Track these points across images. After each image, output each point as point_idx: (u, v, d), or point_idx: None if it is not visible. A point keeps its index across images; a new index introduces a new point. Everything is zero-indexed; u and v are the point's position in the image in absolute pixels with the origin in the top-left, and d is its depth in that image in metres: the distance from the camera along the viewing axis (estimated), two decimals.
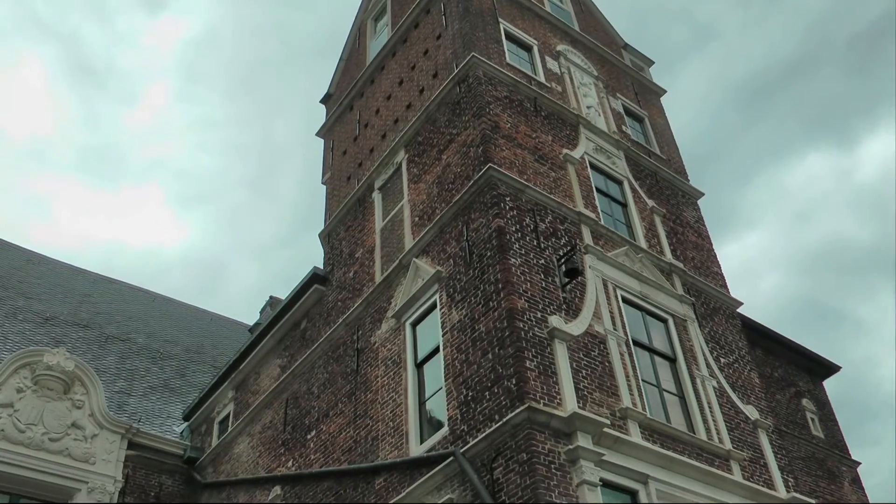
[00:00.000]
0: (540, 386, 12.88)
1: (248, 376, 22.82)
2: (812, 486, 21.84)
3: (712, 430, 15.62)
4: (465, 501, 12.81)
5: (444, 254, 16.16)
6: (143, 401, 24.97)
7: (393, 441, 15.36)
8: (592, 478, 12.26)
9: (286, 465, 19.03)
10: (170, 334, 30.33)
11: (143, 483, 22.33)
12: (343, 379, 17.96)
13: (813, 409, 24.84)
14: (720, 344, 18.10)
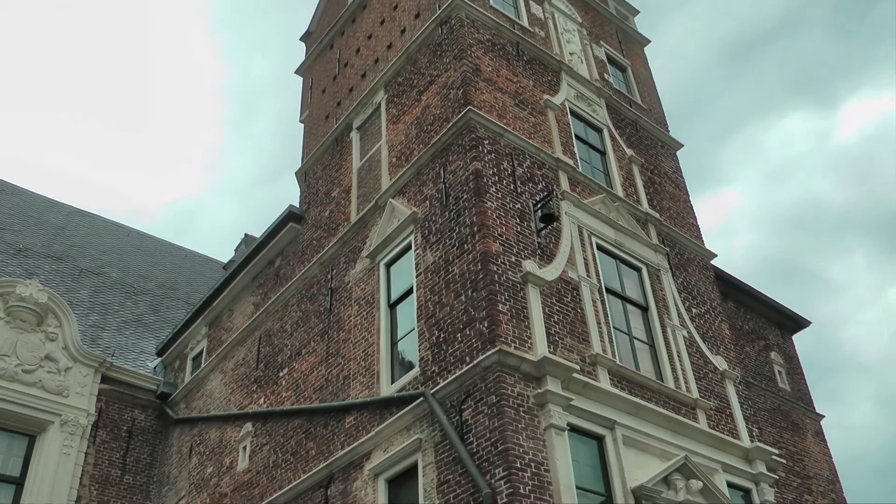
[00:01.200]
0: (511, 329, 12.95)
1: (221, 313, 22.82)
2: (776, 437, 22.19)
3: (680, 378, 15.80)
4: (434, 441, 12.94)
5: (420, 195, 16.12)
6: (116, 335, 24.94)
7: (364, 380, 15.44)
8: (560, 422, 12.40)
9: (258, 402, 19.12)
10: (144, 269, 30.19)
11: (115, 417, 22.41)
12: (316, 318, 17.99)
13: (781, 362, 25.15)
14: (692, 294, 18.23)
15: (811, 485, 23.06)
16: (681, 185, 21.07)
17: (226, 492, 18.92)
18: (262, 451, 18.06)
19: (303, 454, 16.46)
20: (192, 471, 20.89)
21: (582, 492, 12.30)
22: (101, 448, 21.75)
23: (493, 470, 11.70)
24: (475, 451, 12.10)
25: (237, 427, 19.50)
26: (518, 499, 11.29)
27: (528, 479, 11.60)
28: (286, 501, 16.32)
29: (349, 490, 14.56)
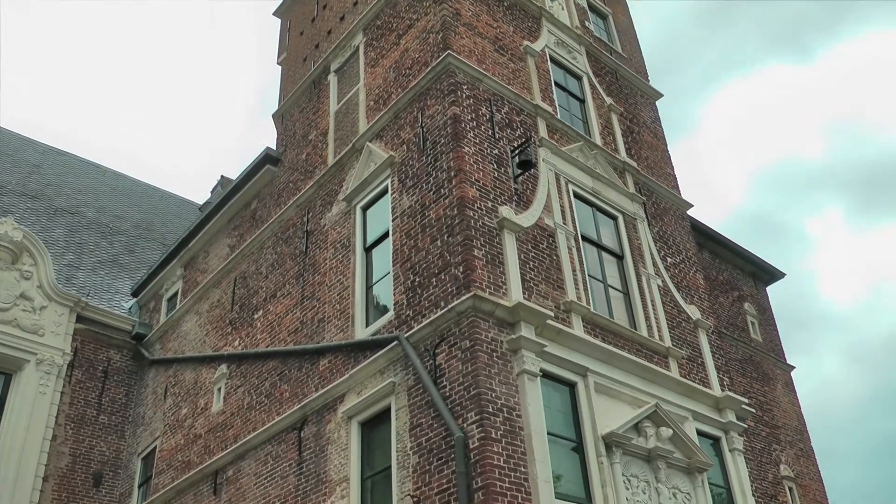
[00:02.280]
0: (487, 275, 12.97)
1: (197, 254, 22.73)
2: (746, 387, 22.49)
3: (654, 327, 15.92)
4: (407, 385, 13.00)
5: (397, 139, 16.02)
6: (91, 275, 24.83)
7: (339, 324, 15.47)
8: (533, 368, 12.48)
9: (233, 344, 19.13)
10: (119, 210, 29.97)
11: (91, 357, 22.41)
12: (292, 260, 17.95)
13: (754, 313, 25.41)
14: (668, 244, 18.30)
15: (779, 434, 23.43)
16: (659, 135, 21.04)
17: (200, 433, 19.00)
18: (236, 392, 18.12)
19: (277, 396, 16.53)
20: (166, 411, 20.95)
21: (553, 437, 12.44)
22: (76, 387, 21.78)
23: (466, 414, 11.78)
24: (448, 395, 12.18)
25: (212, 368, 19.54)
26: (489, 443, 11.39)
27: (500, 423, 11.70)
28: (260, 443, 16.42)
29: (322, 432, 14.65)
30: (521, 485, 11.47)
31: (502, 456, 11.46)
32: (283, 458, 15.61)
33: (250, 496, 16.23)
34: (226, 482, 17.22)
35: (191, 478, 18.38)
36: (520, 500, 11.33)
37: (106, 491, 21.43)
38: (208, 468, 17.84)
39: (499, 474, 11.28)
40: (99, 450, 21.74)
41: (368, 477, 13.56)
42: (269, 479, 15.84)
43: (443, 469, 11.82)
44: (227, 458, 17.30)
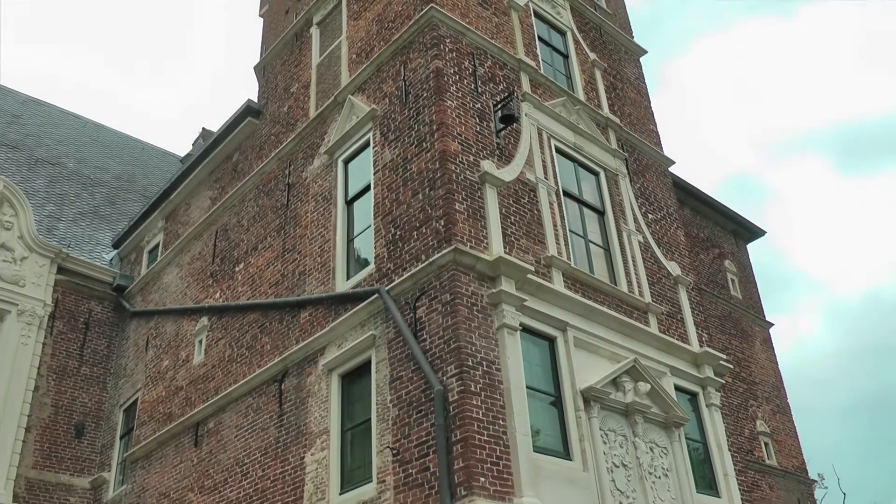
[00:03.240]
0: (468, 229, 12.98)
1: (178, 207, 22.62)
2: (725, 344, 22.69)
3: (634, 282, 16.00)
4: (388, 338, 13.05)
5: (380, 92, 15.92)
6: (72, 226, 24.70)
7: (320, 276, 15.47)
8: (513, 322, 12.54)
9: (214, 297, 19.12)
10: (100, 161, 29.72)
11: (72, 308, 22.37)
12: (273, 213, 17.90)
13: (734, 270, 25.56)
14: (649, 200, 18.33)
15: (756, 390, 23.69)
16: (642, 92, 20.98)
17: (181, 385, 19.05)
18: (217, 345, 18.15)
19: (258, 349, 16.57)
20: (148, 363, 20.98)
21: (532, 391, 12.54)
22: (58, 339, 21.77)
23: (445, 367, 11.85)
24: (428, 349, 12.24)
25: (193, 321, 19.54)
26: (469, 396, 11.48)
27: (480, 377, 11.78)
28: (241, 395, 16.48)
29: (303, 385, 14.72)
30: (499, 438, 11.57)
31: (481, 409, 11.55)
32: (263, 411, 15.69)
33: (231, 448, 16.32)
34: (207, 434, 17.31)
35: (172, 429, 18.46)
36: (498, 453, 11.44)
37: (88, 442, 21.51)
38: (189, 420, 17.92)
39: (478, 427, 11.37)
40: (81, 401, 21.78)
41: (348, 429, 13.66)
42: (249, 431, 15.93)
43: (422, 422, 11.91)
44: (208, 410, 17.37)
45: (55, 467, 20.60)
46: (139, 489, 19.11)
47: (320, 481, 13.56)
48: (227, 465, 16.30)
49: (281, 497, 14.40)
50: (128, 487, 19.63)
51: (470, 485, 10.89)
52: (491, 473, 11.20)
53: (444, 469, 11.16)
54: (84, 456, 21.31)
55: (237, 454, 16.06)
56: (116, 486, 20.46)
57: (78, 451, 21.24)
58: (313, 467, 13.83)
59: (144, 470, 19.18)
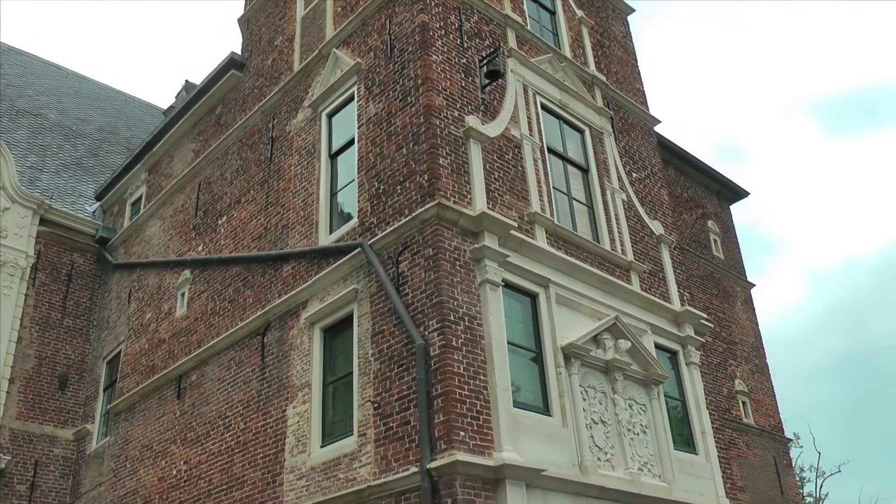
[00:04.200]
0: (451, 184, 12.96)
1: (161, 159, 22.48)
2: (706, 303, 22.83)
3: (616, 241, 16.04)
4: (370, 292, 13.08)
5: (364, 46, 15.79)
6: (55, 178, 24.54)
7: (302, 230, 15.45)
8: (495, 278, 12.58)
9: (196, 250, 19.08)
10: (83, 112, 29.45)
11: (55, 260, 22.31)
12: (256, 166, 17.82)
13: (717, 231, 25.66)
14: (634, 159, 18.33)
15: (736, 350, 23.90)
16: (629, 50, 20.89)
17: (164, 337, 19.07)
18: (200, 298, 18.15)
19: (240, 302, 16.58)
20: (130, 316, 20.98)
21: (513, 347, 12.62)
22: (40, 290, 21.72)
23: (427, 322, 11.90)
24: (410, 303, 12.28)
25: (176, 274, 19.51)
26: (450, 351, 11.54)
27: (461, 332, 11.83)
28: (223, 348, 16.52)
29: (285, 338, 14.76)
30: (480, 392, 11.65)
31: (462, 364, 11.62)
32: (245, 364, 15.74)
33: (213, 401, 16.39)
34: (189, 387, 17.36)
35: (155, 382, 18.51)
36: (478, 408, 11.53)
37: (71, 394, 21.56)
38: (172, 373, 17.96)
39: (458, 382, 11.45)
40: (64, 353, 21.80)
41: (330, 382, 13.72)
42: (231, 384, 15.99)
43: (403, 376, 11.98)
44: (191, 362, 17.41)
45: (39, 418, 20.66)
46: (122, 441, 19.20)
47: (302, 434, 13.65)
48: (209, 418, 16.38)
49: (262, 449, 14.49)
50: (111, 439, 19.71)
51: (450, 439, 10.98)
52: (471, 428, 11.29)
53: (424, 423, 11.25)
54: (68, 408, 21.37)
55: (219, 407, 16.13)
56: (100, 438, 20.55)
57: (62, 403, 21.30)
58: (295, 420, 13.91)
59: (128, 422, 19.26)
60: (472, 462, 10.88)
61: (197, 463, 16.30)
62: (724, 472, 15.80)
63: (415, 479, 11.10)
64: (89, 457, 20.48)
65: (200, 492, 15.88)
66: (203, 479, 15.94)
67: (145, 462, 18.04)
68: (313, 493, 12.90)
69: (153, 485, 17.48)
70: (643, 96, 20.22)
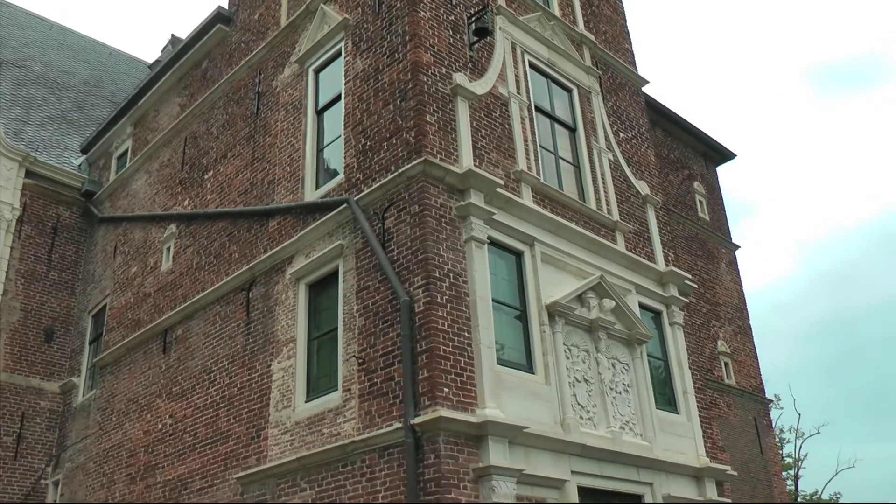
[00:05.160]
0: (438, 141, 12.93)
1: (147, 113, 22.32)
2: (691, 264, 22.95)
3: (602, 200, 16.08)
4: (356, 248, 13.09)
5: (352, 1, 15.62)
6: (40, 130, 24.37)
7: (289, 185, 15.42)
8: (481, 235, 12.60)
9: (182, 204, 19.03)
10: (67, 65, 29.15)
11: (40, 213, 22.26)
12: (242, 121, 17.73)
13: (703, 192, 25.73)
14: (621, 119, 18.32)
15: (719, 311, 24.07)
16: (619, 10, 20.77)
17: (149, 292, 19.08)
18: (185, 252, 18.13)
19: (226, 257, 16.58)
20: (116, 270, 20.96)
21: (498, 305, 12.67)
22: (26, 243, 21.68)
23: (412, 278, 11.94)
24: (395, 259, 12.30)
25: (161, 228, 19.48)
26: (435, 307, 11.59)
27: (446, 288, 11.88)
28: (209, 303, 16.55)
29: (270, 293, 14.79)
30: (464, 349, 11.73)
31: (447, 320, 11.68)
32: (231, 318, 15.78)
33: (199, 355, 16.44)
34: (175, 341, 17.41)
35: (140, 336, 18.55)
36: (462, 365, 11.61)
37: (58, 346, 21.61)
38: (158, 327, 18.00)
39: (443, 338, 11.51)
40: (50, 306, 21.82)
41: (315, 338, 13.79)
42: (217, 338, 16.04)
43: (388, 332, 12.03)
44: (176, 317, 17.44)
45: (25, 371, 20.72)
46: (108, 394, 19.27)
47: (286, 389, 13.73)
48: (194, 372, 16.44)
49: (247, 404, 14.58)
50: (97, 392, 19.78)
51: (434, 395, 11.06)
52: (455, 384, 11.37)
53: (408, 379, 11.32)
54: (54, 360, 21.44)
55: (205, 361, 16.19)
56: (86, 391, 20.63)
57: (48, 356, 21.36)
58: (280, 375, 13.98)
59: (113, 375, 19.31)
60: (456, 418, 10.97)
61: (182, 417, 16.39)
62: (705, 431, 15.98)
63: (398, 435, 11.20)
64: (75, 410, 20.57)
65: (185, 445, 15.98)
66: (188, 432, 16.04)
67: (131, 415, 18.13)
68: (297, 448, 13.00)
69: (138, 438, 17.58)
70: (632, 56, 20.15)
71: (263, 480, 13.45)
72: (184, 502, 15.44)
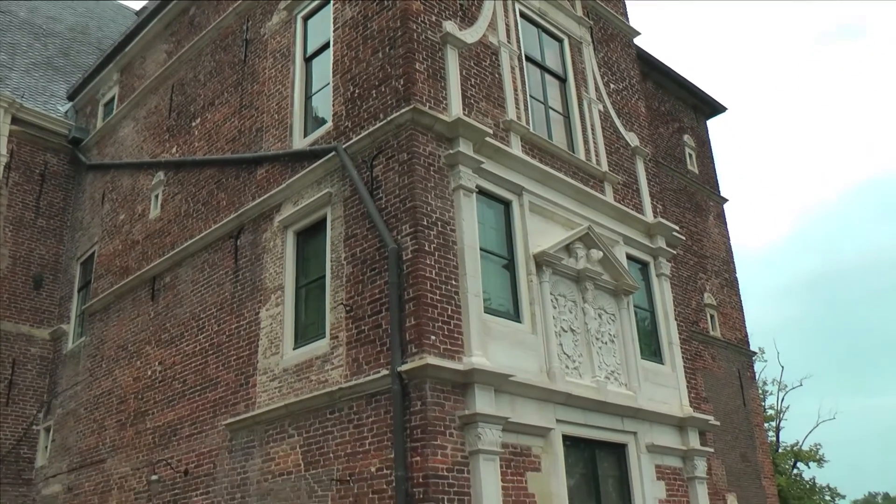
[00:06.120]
0: (427, 89, 12.87)
1: (133, 60, 22.10)
2: (679, 217, 23.01)
3: (591, 151, 16.06)
4: (344, 196, 13.09)
5: None
6: (25, 77, 24.15)
7: (277, 133, 15.35)
8: (469, 184, 12.60)
9: (170, 152, 18.94)
10: (53, 11, 28.74)
11: (28, 160, 22.17)
12: (230, 69, 17.58)
13: (692, 145, 25.71)
14: (612, 70, 18.24)
15: (707, 264, 24.18)
16: None
17: (138, 239, 19.05)
18: (173, 200, 18.09)
19: (214, 204, 16.54)
20: (104, 217, 20.91)
21: (485, 254, 12.72)
22: (13, 190, 21.61)
23: (400, 226, 11.95)
24: (383, 207, 12.31)
25: (149, 175, 19.40)
26: (422, 256, 11.62)
27: (434, 237, 11.90)
28: (197, 250, 16.55)
29: (258, 241, 14.79)
30: (451, 297, 11.79)
31: (434, 269, 11.72)
32: (219, 266, 15.79)
33: (187, 302, 16.48)
34: (163, 288, 17.43)
35: (129, 283, 18.56)
36: (450, 313, 11.67)
37: (47, 294, 21.65)
38: (146, 274, 18.01)
39: (430, 286, 11.57)
40: (38, 253, 21.83)
41: (303, 286, 13.83)
42: (205, 286, 16.07)
43: (376, 279, 12.07)
44: (165, 264, 17.45)
45: (15, 318, 20.76)
46: (97, 341, 19.32)
47: (274, 336, 13.80)
48: (183, 320, 16.49)
49: (236, 351, 14.65)
50: (86, 339, 19.84)
51: (421, 342, 11.15)
52: (442, 332, 11.45)
53: (395, 326, 11.39)
54: (43, 307, 21.48)
55: (193, 309, 16.23)
56: (75, 338, 20.69)
57: (37, 303, 21.40)
58: (268, 322, 14.03)
59: (102, 322, 19.35)
60: (442, 366, 11.07)
61: (171, 364, 16.47)
62: (689, 382, 16.15)
63: (385, 382, 11.30)
64: (65, 356, 20.64)
65: (175, 392, 16.08)
66: (177, 379, 16.13)
67: (120, 362, 18.20)
68: (285, 395, 13.10)
69: (128, 384, 17.68)
70: (623, 7, 20.00)
71: (252, 427, 13.57)
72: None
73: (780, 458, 36.37)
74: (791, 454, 38.15)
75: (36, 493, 19.77)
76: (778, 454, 36.26)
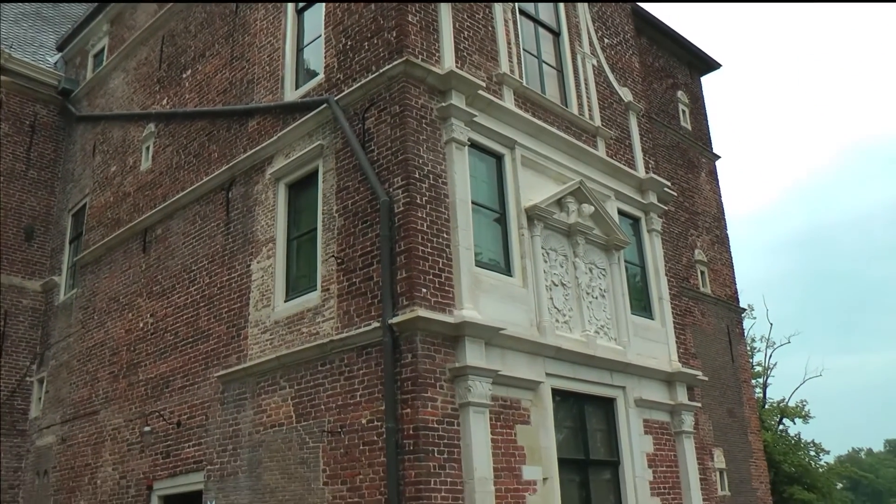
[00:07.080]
0: (420, 41, 12.78)
1: (123, 10, 21.86)
2: (671, 173, 22.99)
3: (584, 105, 16.01)
4: (336, 148, 13.05)
5: None
6: (13, 27, 23.89)
7: (268, 85, 15.25)
8: (461, 137, 12.57)
9: (160, 103, 18.82)
10: None
11: (17, 110, 22.04)
12: (221, 20, 17.40)
13: (686, 101, 25.63)
14: (606, 25, 18.11)
15: (697, 220, 24.23)
16: None
17: (129, 191, 18.99)
18: (164, 152, 18.01)
19: (205, 156, 16.48)
20: (95, 169, 20.82)
21: (477, 207, 12.73)
22: (4, 141, 21.53)
23: (392, 179, 11.94)
24: (375, 160, 12.28)
25: (140, 127, 19.29)
26: (414, 208, 11.63)
27: (426, 189, 11.90)
28: (188, 202, 16.51)
29: (250, 193, 14.76)
30: (443, 250, 11.81)
31: (426, 221, 11.74)
32: (210, 218, 15.77)
33: (178, 255, 16.48)
34: (155, 240, 17.41)
35: (120, 235, 18.53)
36: (441, 265, 11.70)
37: (38, 245, 21.62)
38: (137, 226, 17.97)
39: (422, 239, 11.58)
40: (29, 204, 21.77)
41: (294, 238, 13.84)
42: (197, 238, 16.05)
43: (367, 232, 12.09)
44: (156, 216, 17.42)
45: (6, 269, 20.74)
46: (89, 293, 19.34)
47: (266, 289, 13.82)
48: (174, 272, 16.50)
49: (227, 303, 14.68)
50: (78, 291, 19.85)
51: (412, 295, 11.19)
52: (433, 285, 11.50)
53: (386, 279, 11.43)
54: (35, 259, 21.46)
55: (185, 261, 16.23)
56: (67, 290, 20.70)
57: (28, 255, 21.38)
58: (259, 275, 14.06)
59: (94, 274, 19.35)
60: (433, 318, 11.13)
61: (163, 316, 16.50)
62: (678, 337, 16.26)
63: (376, 334, 11.36)
64: (58, 308, 20.66)
65: (167, 344, 16.13)
66: (169, 331, 16.18)
67: (112, 314, 18.23)
68: (277, 347, 13.16)
69: (120, 336, 17.72)
70: None
71: (243, 378, 13.65)
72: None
73: (767, 414, 36.73)
74: (777, 410, 38.52)
75: (30, 443, 19.91)
76: (764, 410, 36.59)
